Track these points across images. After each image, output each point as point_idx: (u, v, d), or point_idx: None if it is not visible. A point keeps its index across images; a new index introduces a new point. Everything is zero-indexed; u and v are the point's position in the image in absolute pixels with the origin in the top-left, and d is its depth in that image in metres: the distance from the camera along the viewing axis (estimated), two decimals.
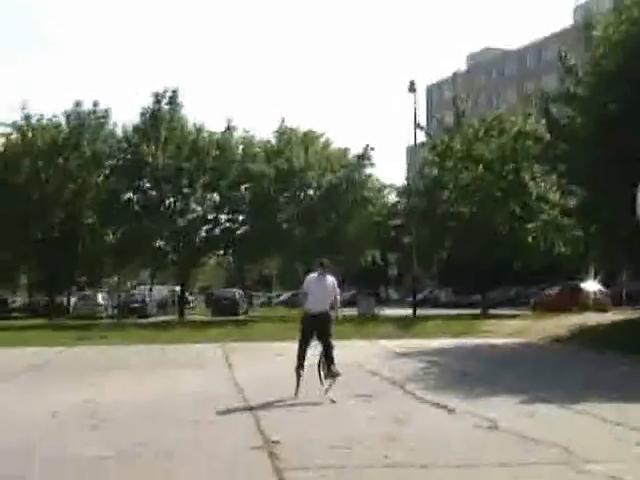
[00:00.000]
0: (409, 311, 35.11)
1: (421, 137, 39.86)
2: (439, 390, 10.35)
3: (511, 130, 33.47)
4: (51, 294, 41.86)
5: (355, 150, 40.33)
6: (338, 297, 10.31)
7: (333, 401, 9.40)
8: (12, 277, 46.92)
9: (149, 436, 7.41)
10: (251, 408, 9.03)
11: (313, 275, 10.27)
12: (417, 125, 35.73)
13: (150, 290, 56.33)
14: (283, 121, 39.32)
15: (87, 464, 6.39)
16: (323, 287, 10.04)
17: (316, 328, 9.96)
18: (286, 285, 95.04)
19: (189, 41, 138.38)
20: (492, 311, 35.09)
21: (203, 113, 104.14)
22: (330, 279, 10.18)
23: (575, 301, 31.58)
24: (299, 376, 9.90)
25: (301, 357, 9.99)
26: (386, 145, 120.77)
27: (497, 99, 76.30)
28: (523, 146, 32.53)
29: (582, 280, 35.28)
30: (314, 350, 10.22)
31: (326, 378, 10.01)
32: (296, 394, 9.67)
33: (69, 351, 18.04)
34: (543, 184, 32.30)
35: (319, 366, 10.20)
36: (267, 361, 15.04)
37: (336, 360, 9.93)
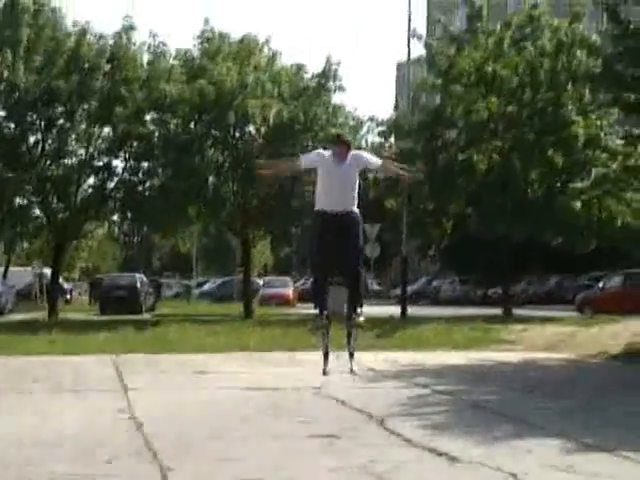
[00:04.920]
0: (396, 310, 35.32)
1: (418, 50, 39.90)
2: (437, 429, 10.40)
3: (552, 39, 33.57)
4: None
5: (316, 68, 40.18)
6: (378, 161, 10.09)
7: (354, 372, 9.13)
8: None
9: None
10: (155, 454, 8.99)
11: (328, 153, 9.74)
12: (412, 33, 35.76)
13: (5, 274, 55.89)
14: (207, 22, 39.11)
15: None
16: (342, 176, 9.46)
17: (335, 236, 9.37)
18: (213, 269, 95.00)
19: None
20: (518, 311, 35.47)
21: (89, 8, 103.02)
22: (354, 159, 9.66)
23: None
24: (325, 331, 9.48)
25: (322, 293, 9.52)
26: (368, 63, 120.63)
27: None
28: (569, 63, 32.71)
29: None
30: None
31: (348, 335, 9.50)
32: (325, 370, 9.22)
33: None
34: (599, 123, 32.55)
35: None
36: (182, 383, 15.00)
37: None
